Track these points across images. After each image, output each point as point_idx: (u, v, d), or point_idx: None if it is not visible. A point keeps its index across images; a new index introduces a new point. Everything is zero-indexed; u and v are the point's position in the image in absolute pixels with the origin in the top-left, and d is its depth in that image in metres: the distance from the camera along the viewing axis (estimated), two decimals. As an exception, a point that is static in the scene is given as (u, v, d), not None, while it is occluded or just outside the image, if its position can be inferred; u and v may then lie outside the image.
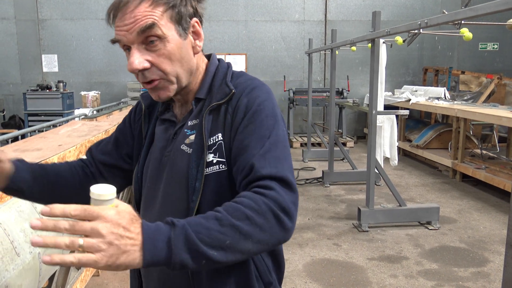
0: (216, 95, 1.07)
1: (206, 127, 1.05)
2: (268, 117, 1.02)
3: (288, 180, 0.96)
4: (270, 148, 0.98)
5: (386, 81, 8.72)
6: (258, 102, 1.03)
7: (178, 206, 1.06)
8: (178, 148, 1.09)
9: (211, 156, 1.03)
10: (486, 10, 2.16)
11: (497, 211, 4.59)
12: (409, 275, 3.22)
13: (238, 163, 0.99)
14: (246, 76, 1.12)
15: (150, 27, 0.98)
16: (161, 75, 1.02)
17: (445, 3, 9.05)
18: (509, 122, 4.68)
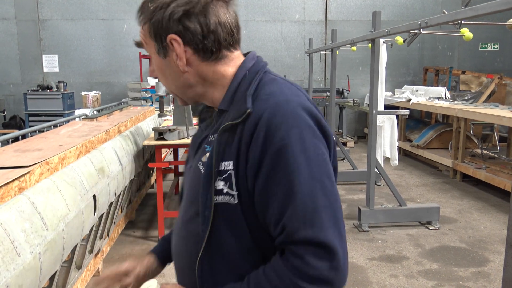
0: (233, 110, 0.91)
1: (217, 149, 0.90)
2: (295, 156, 0.82)
3: (326, 244, 0.81)
4: (302, 203, 0.82)
5: (387, 81, 8.71)
6: (280, 135, 0.83)
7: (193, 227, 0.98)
8: (196, 164, 0.99)
9: (221, 184, 0.90)
10: (486, 10, 2.16)
11: (497, 211, 4.59)
12: (409, 275, 3.22)
13: (268, 216, 0.87)
14: (270, 87, 0.90)
15: (140, 45, 1.00)
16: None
17: (445, 3, 9.05)
18: (509, 122, 4.68)
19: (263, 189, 0.85)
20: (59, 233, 1.97)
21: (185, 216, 1.02)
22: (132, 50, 8.81)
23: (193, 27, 0.92)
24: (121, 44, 8.85)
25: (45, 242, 1.83)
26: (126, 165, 3.37)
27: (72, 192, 2.23)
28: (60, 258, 2.03)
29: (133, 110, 5.10)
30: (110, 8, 8.78)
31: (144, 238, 3.94)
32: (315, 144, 0.85)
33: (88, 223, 2.43)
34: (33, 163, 2.02)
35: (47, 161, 2.12)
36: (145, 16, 0.95)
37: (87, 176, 2.51)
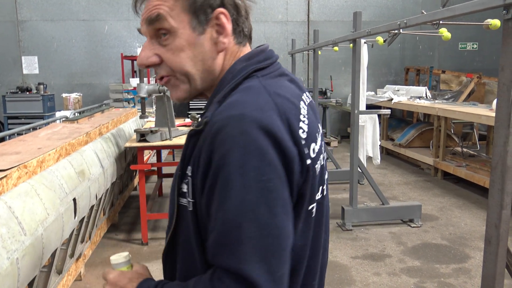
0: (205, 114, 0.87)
1: (185, 152, 0.88)
2: (230, 179, 0.74)
3: (246, 277, 0.72)
4: (226, 229, 0.75)
5: (369, 81, 8.81)
6: (221, 153, 0.75)
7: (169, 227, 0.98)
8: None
9: (185, 187, 0.86)
10: (463, 10, 2.19)
11: (477, 208, 4.67)
12: (392, 272, 3.25)
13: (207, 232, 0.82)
14: (237, 96, 0.83)
15: (156, 19, 0.86)
16: (170, 71, 0.90)
17: (425, 4, 9.18)
18: (488, 120, 4.77)
19: (204, 203, 0.81)
20: (38, 238, 1.93)
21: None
22: (113, 51, 8.72)
23: (240, 3, 0.90)
24: (103, 45, 8.75)
25: (23, 247, 1.79)
26: (107, 167, 3.33)
27: (51, 195, 2.19)
28: (39, 263, 2.00)
29: (115, 112, 5.04)
30: (91, 9, 8.68)
31: (127, 241, 3.90)
32: (258, 169, 0.74)
33: (68, 227, 2.40)
34: (10, 166, 1.98)
35: (25, 165, 2.08)
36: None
37: (67, 179, 2.47)
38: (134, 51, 8.52)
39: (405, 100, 6.92)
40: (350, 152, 4.27)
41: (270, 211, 0.74)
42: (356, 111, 4.14)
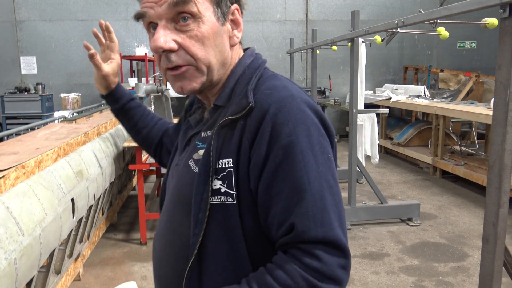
0: (232, 105, 0.86)
1: (215, 145, 0.85)
2: (303, 153, 0.78)
3: (337, 242, 0.79)
4: (312, 201, 0.78)
5: (367, 80, 8.82)
6: (287, 131, 0.79)
7: (181, 230, 0.92)
8: (186, 162, 0.93)
9: (218, 183, 0.84)
10: (460, 9, 2.19)
11: (476, 207, 4.68)
12: (390, 271, 3.26)
13: (271, 215, 0.81)
14: (272, 82, 0.87)
15: (186, 1, 0.82)
16: (190, 60, 0.85)
17: (423, 3, 9.18)
18: (486, 119, 4.77)
19: (269, 187, 0.80)
20: (36, 238, 1.93)
21: (171, 219, 0.95)
22: (112, 51, 8.71)
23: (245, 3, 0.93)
24: (101, 45, 8.74)
25: (21, 247, 1.79)
26: (105, 167, 3.33)
27: (49, 195, 2.19)
28: (37, 264, 2.00)
29: (113, 112, 5.03)
30: (89, 9, 8.67)
31: (126, 241, 3.90)
32: (321, 142, 0.81)
33: (67, 227, 2.39)
34: (8, 167, 1.97)
35: (23, 165, 2.08)
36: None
37: (65, 179, 2.47)
38: (132, 51, 8.51)
39: (404, 99, 6.93)
40: (349, 151, 4.28)
41: (334, 179, 0.82)
42: (355, 110, 4.14)
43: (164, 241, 0.97)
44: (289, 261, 0.78)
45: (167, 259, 0.96)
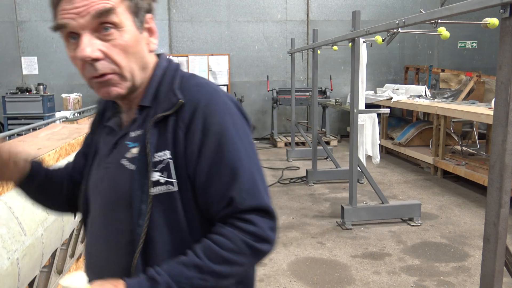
0: (162, 104, 0.95)
1: (151, 141, 0.93)
2: (234, 136, 0.93)
3: (267, 209, 0.95)
4: (245, 176, 0.93)
5: (368, 80, 8.82)
6: (217, 121, 0.92)
7: (122, 228, 0.96)
8: (118, 163, 0.98)
9: (157, 175, 0.92)
10: (461, 9, 2.20)
11: (477, 206, 4.68)
12: (391, 271, 3.26)
13: (211, 194, 0.93)
14: (195, 80, 0.99)
15: (109, 12, 0.87)
16: (114, 69, 0.91)
17: (424, 3, 9.18)
18: (487, 119, 4.77)
19: (207, 170, 0.92)
20: (38, 238, 1.94)
21: (110, 221, 0.99)
22: (113, 51, 8.73)
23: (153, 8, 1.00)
24: (102, 45, 8.76)
25: (23, 247, 1.80)
26: (107, 167, 3.33)
27: (51, 196, 2.19)
28: (40, 263, 2.00)
29: (115, 112, 5.04)
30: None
31: (127, 241, 3.91)
32: (244, 128, 0.97)
33: (68, 227, 2.40)
34: (10, 167, 1.98)
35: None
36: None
37: (67, 180, 2.47)
38: (133, 51, 8.53)
39: (405, 99, 6.93)
40: (350, 151, 4.28)
41: (257, 158, 0.99)
42: (356, 110, 4.15)
43: (103, 245, 1.01)
44: (229, 229, 0.92)
45: (109, 260, 1.00)
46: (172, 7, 8.83)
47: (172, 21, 8.85)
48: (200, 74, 8.52)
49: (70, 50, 0.91)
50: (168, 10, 8.80)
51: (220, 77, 8.61)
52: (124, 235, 0.96)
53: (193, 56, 8.53)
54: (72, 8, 0.86)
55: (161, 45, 8.84)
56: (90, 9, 0.86)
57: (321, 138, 5.96)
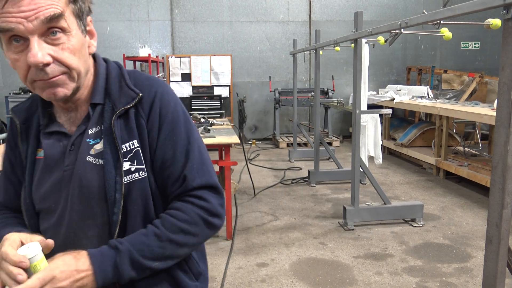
0: (119, 99, 1.03)
1: (117, 134, 1.00)
2: (184, 123, 1.07)
3: (215, 186, 1.08)
4: (195, 157, 1.06)
5: (371, 80, 8.82)
6: (171, 109, 1.06)
7: (96, 221, 1.02)
8: (83, 161, 1.01)
9: (127, 164, 1.00)
10: (463, 10, 2.20)
11: (479, 207, 4.67)
12: (394, 272, 3.26)
13: (167, 175, 1.05)
14: (143, 75, 1.10)
15: (58, 17, 0.88)
16: (64, 70, 0.93)
17: (427, 3, 9.17)
18: (490, 120, 4.76)
19: (165, 153, 1.04)
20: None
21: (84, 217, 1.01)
22: (115, 52, 8.74)
23: (92, 10, 1.06)
24: (105, 46, 8.77)
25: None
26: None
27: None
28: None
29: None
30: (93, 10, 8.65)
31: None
32: (187, 114, 1.11)
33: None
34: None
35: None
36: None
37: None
38: (136, 51, 8.55)
39: (407, 100, 6.92)
40: (352, 152, 4.28)
41: (202, 140, 1.12)
42: (358, 111, 4.15)
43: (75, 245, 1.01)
44: (184, 204, 1.04)
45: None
46: (175, 8, 8.84)
47: (175, 22, 8.87)
48: (202, 74, 8.51)
49: (12, 52, 0.90)
50: (170, 10, 8.82)
51: (222, 78, 8.62)
52: (100, 228, 1.02)
53: (195, 57, 8.54)
54: (19, 12, 0.84)
55: (164, 45, 8.86)
56: (38, 14, 0.86)
57: (323, 139, 5.96)
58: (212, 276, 3.22)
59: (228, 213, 3.81)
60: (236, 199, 5.07)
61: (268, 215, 4.56)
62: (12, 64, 0.92)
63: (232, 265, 3.40)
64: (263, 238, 3.94)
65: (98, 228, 1.02)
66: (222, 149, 4.61)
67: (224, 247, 3.73)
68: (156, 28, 8.81)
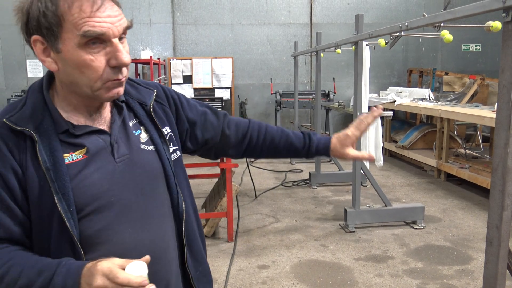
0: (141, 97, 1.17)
1: (157, 121, 1.15)
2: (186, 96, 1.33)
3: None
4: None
5: (372, 82, 8.81)
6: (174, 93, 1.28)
7: (162, 198, 1.12)
8: (139, 149, 1.10)
9: (166, 147, 1.15)
10: (463, 13, 2.21)
11: (480, 210, 4.67)
12: (394, 274, 3.26)
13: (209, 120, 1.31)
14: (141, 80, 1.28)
15: (129, 27, 1.01)
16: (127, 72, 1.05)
17: (428, 6, 9.18)
18: (491, 122, 4.76)
19: (196, 112, 1.31)
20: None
21: (148, 200, 1.08)
22: (117, 54, 8.77)
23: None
24: (106, 48, 8.81)
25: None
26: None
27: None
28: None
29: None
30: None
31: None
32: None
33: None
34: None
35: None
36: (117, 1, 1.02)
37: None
38: (137, 54, 8.56)
39: (408, 102, 6.92)
40: (353, 154, 4.28)
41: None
42: (359, 113, 4.15)
43: (148, 225, 1.07)
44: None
45: (159, 231, 1.09)
46: (176, 10, 8.87)
47: (176, 24, 8.89)
48: (204, 76, 8.50)
49: (88, 53, 0.95)
50: (172, 13, 8.85)
51: (223, 80, 8.63)
52: (166, 203, 1.13)
53: (196, 59, 8.55)
54: (107, 17, 0.95)
55: (165, 48, 8.89)
56: (121, 22, 0.98)
57: (324, 141, 5.96)
58: (213, 278, 3.22)
59: (229, 215, 3.82)
60: (238, 201, 5.08)
61: (269, 217, 4.56)
62: (81, 65, 0.95)
63: (233, 267, 3.41)
64: (264, 240, 3.94)
65: (164, 204, 1.12)
66: (223, 151, 4.61)
67: (226, 249, 3.73)
68: (158, 30, 8.84)
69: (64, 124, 1.01)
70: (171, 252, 1.12)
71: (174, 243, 1.13)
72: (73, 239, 0.97)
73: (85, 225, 0.99)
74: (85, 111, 1.05)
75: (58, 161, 0.97)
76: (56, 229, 0.97)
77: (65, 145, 1.00)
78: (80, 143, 1.02)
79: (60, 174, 0.97)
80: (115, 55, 0.97)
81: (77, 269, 0.90)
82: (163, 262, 1.08)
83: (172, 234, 1.13)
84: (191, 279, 1.18)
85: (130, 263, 0.87)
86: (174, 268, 1.13)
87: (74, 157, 1.00)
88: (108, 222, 1.01)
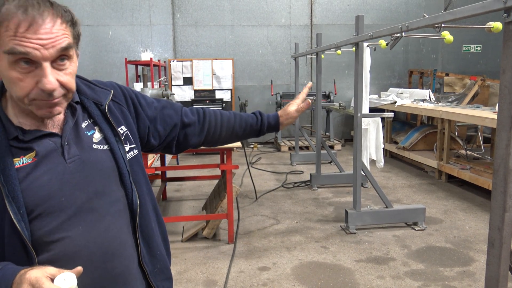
0: (97, 97, 1.18)
1: (113, 121, 1.17)
2: (143, 94, 1.38)
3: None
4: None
5: (372, 84, 8.82)
6: (130, 92, 1.31)
7: (116, 196, 1.13)
8: (91, 149, 1.11)
9: (121, 146, 1.16)
10: (464, 13, 2.20)
11: (482, 211, 4.65)
12: (396, 276, 3.25)
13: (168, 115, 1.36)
14: (97, 80, 1.27)
15: (69, 47, 0.99)
16: (64, 93, 1.01)
17: (428, 7, 9.18)
18: (492, 123, 4.75)
19: (155, 108, 1.35)
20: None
21: (102, 199, 1.08)
22: (118, 56, 8.78)
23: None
24: (107, 50, 8.81)
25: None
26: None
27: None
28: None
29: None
30: (95, 14, 8.74)
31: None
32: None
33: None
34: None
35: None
36: (68, 19, 1.00)
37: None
38: (138, 55, 8.57)
39: (409, 103, 6.92)
40: (354, 155, 4.28)
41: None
42: (359, 114, 4.15)
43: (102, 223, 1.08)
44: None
45: (113, 229, 1.10)
46: (176, 12, 8.88)
47: (176, 26, 8.89)
48: (204, 78, 8.51)
49: (16, 72, 0.95)
50: (172, 14, 8.85)
51: (224, 81, 8.63)
52: (120, 201, 1.13)
53: (197, 61, 8.56)
54: (37, 39, 0.92)
55: (166, 49, 8.89)
56: (55, 44, 0.95)
57: (325, 142, 5.96)
58: (213, 280, 3.22)
59: (229, 216, 3.81)
60: (238, 202, 5.07)
61: (269, 218, 4.55)
62: (10, 81, 0.96)
63: (233, 269, 3.40)
64: (265, 241, 3.93)
65: (118, 202, 1.13)
66: (223, 153, 4.62)
67: (226, 251, 3.72)
68: (158, 32, 8.84)
69: (14, 130, 1.04)
70: (129, 248, 1.14)
71: (132, 240, 1.15)
72: (24, 241, 0.99)
73: (37, 226, 1.01)
74: (36, 116, 1.06)
75: (7, 166, 1.00)
76: (8, 231, 0.98)
77: (15, 150, 1.03)
78: (29, 147, 1.05)
79: (10, 178, 0.99)
80: (41, 79, 0.95)
81: (11, 275, 0.92)
82: (120, 258, 1.10)
83: (128, 231, 1.14)
84: (147, 275, 1.20)
85: (60, 274, 0.88)
86: (135, 264, 1.16)
87: (24, 161, 1.03)
88: (59, 222, 1.03)
